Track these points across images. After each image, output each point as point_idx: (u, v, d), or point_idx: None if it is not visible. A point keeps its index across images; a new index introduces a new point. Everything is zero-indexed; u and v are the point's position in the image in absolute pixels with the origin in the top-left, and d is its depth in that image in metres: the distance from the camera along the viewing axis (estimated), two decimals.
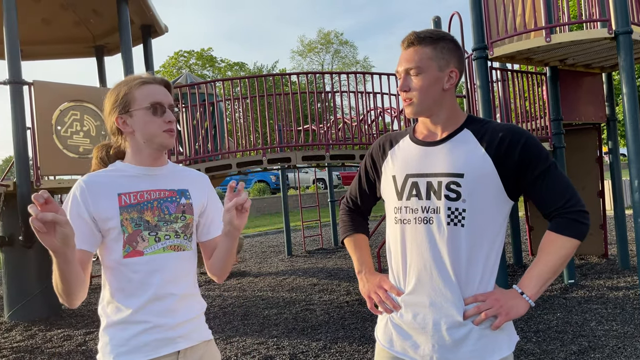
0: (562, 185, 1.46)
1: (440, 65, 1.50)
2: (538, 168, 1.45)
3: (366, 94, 7.11)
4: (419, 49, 1.50)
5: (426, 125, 1.59)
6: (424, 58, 1.49)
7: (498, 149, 1.46)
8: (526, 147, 1.45)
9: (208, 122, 6.83)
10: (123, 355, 1.49)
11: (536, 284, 1.46)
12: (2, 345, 4.95)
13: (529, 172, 1.46)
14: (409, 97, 1.52)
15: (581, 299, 5.21)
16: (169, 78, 31.87)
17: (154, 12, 7.21)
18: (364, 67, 44.82)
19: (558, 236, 1.46)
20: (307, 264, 8.61)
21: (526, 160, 1.45)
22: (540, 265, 1.47)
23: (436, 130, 1.57)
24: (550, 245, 1.47)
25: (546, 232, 1.49)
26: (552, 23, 5.37)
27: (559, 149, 6.00)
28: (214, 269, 1.68)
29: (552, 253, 1.46)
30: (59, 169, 5.84)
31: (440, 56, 1.50)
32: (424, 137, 1.59)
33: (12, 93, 5.50)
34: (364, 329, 4.68)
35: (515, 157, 1.45)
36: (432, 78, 1.50)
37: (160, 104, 1.54)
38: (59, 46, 8.19)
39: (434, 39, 1.50)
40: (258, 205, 19.14)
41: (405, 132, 1.67)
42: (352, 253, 1.78)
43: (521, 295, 1.46)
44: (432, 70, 1.50)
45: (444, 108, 1.54)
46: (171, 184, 1.62)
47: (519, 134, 1.48)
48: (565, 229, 1.45)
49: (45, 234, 1.23)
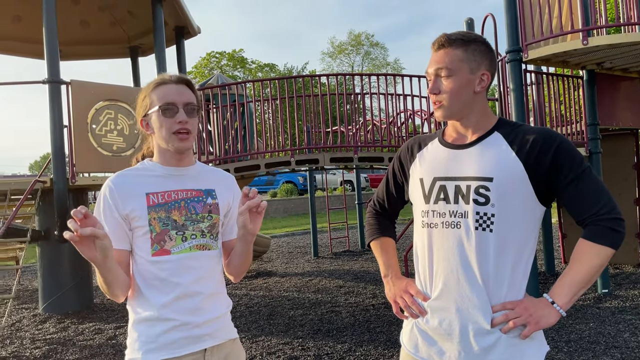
0: (597, 191, 1.41)
1: (471, 67, 1.47)
2: (571, 173, 1.41)
3: (396, 96, 7.07)
4: (449, 50, 1.47)
5: (456, 128, 1.56)
6: (455, 60, 1.46)
7: (529, 152, 1.43)
8: (559, 151, 1.41)
9: (238, 122, 6.90)
10: (151, 352, 1.52)
11: (568, 293, 1.41)
12: (36, 336, 5.10)
13: (561, 177, 1.41)
14: (439, 99, 1.50)
15: (615, 309, 5.05)
16: (201, 79, 32.38)
17: (188, 14, 7.33)
18: (394, 69, 44.57)
19: (592, 244, 1.41)
20: (333, 265, 8.60)
21: (559, 165, 1.41)
22: (572, 274, 1.42)
23: (466, 133, 1.54)
24: (583, 254, 1.42)
25: (579, 240, 1.44)
26: (590, 25, 5.23)
27: (595, 154, 5.84)
28: (231, 269, 1.71)
29: (585, 262, 1.41)
30: (93, 167, 5.98)
31: (471, 58, 1.47)
32: (454, 140, 1.56)
33: (50, 92, 5.66)
34: (389, 333, 4.65)
35: (548, 161, 1.41)
36: (463, 80, 1.47)
37: (172, 104, 1.54)
38: (96, 47, 8.41)
39: (465, 41, 1.47)
40: (285, 206, 19.23)
41: (434, 134, 1.65)
42: (379, 256, 1.77)
43: (552, 304, 1.42)
44: (463, 73, 1.47)
45: (475, 111, 1.51)
46: (198, 184, 1.64)
47: (552, 137, 1.43)
48: (600, 237, 1.40)
49: (85, 247, 1.30)
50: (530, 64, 5.81)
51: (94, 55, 8.70)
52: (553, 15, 5.45)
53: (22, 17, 7.51)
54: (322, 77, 7.43)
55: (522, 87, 5.38)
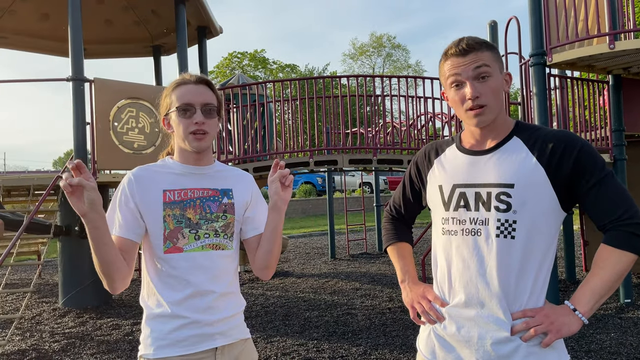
0: (619, 196, 1.37)
1: (500, 68, 1.47)
2: (593, 177, 1.37)
3: (417, 99, 7.01)
4: (480, 53, 1.43)
5: (474, 133, 1.53)
6: (490, 61, 1.44)
7: (551, 157, 1.39)
8: (581, 155, 1.38)
9: (257, 122, 6.92)
10: (163, 348, 1.52)
11: (590, 300, 1.37)
12: (55, 330, 5.18)
13: (583, 182, 1.38)
14: (482, 103, 1.43)
15: (638, 320, 4.93)
16: (222, 78, 32.61)
17: (210, 14, 7.39)
18: (415, 72, 44.32)
19: (613, 250, 1.37)
20: (350, 267, 8.57)
21: (580, 169, 1.38)
22: (594, 280, 1.38)
23: (485, 138, 1.51)
24: (605, 260, 1.38)
25: (600, 245, 1.40)
26: (617, 29, 5.12)
27: (619, 161, 5.71)
28: (259, 262, 1.65)
29: (607, 268, 1.37)
30: (114, 164, 6.06)
31: (499, 59, 1.47)
32: (472, 145, 1.53)
33: (74, 89, 5.75)
34: (405, 337, 4.60)
35: (569, 165, 1.38)
36: (500, 80, 1.46)
37: (190, 105, 1.55)
38: (119, 45, 8.53)
39: (488, 45, 1.46)
40: (303, 207, 19.25)
41: (451, 140, 1.62)
42: (395, 262, 1.75)
43: (573, 311, 1.38)
44: (497, 73, 1.45)
45: (502, 113, 1.50)
46: (215, 183, 1.64)
47: (573, 141, 1.40)
48: (622, 242, 1.36)
49: (75, 197, 1.33)
50: (555, 68, 5.71)
51: (117, 53, 8.83)
52: (579, 18, 5.35)
53: (49, 16, 7.65)
54: (343, 78, 7.42)
55: (545, 92, 5.29)
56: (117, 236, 1.53)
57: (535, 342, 1.40)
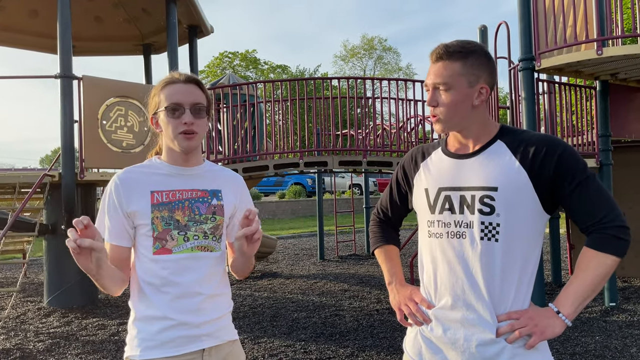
0: (601, 198, 1.39)
1: (470, 81, 1.44)
2: (575, 180, 1.39)
3: (407, 101, 7.04)
4: (448, 64, 1.44)
5: (457, 138, 1.55)
6: (454, 74, 1.44)
7: (533, 160, 1.41)
8: (563, 158, 1.39)
9: (248, 122, 6.90)
10: (150, 349, 1.51)
11: (573, 303, 1.39)
12: (40, 329, 5.12)
13: (565, 184, 1.40)
14: (436, 113, 1.49)
15: (622, 324, 4.98)
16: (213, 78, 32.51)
17: (201, 13, 7.36)
18: (406, 74, 44.49)
19: (596, 253, 1.38)
20: (339, 269, 8.57)
21: (563, 172, 1.39)
22: (577, 283, 1.40)
23: (468, 143, 1.53)
24: (588, 263, 1.39)
25: (584, 248, 1.42)
26: (605, 35, 5.18)
27: (605, 166, 5.78)
28: (234, 269, 1.70)
29: (590, 271, 1.38)
30: (102, 162, 6.01)
31: (470, 72, 1.44)
32: (457, 149, 1.55)
33: (62, 87, 5.70)
34: (392, 339, 4.61)
35: (551, 168, 1.40)
36: (462, 95, 1.44)
37: (179, 104, 1.53)
38: (109, 43, 8.46)
39: (463, 54, 1.44)
40: (293, 208, 19.23)
41: (437, 144, 1.64)
42: (383, 264, 1.76)
43: (557, 314, 1.40)
44: (461, 87, 1.44)
45: (474, 123, 1.50)
46: (204, 184, 1.63)
47: (555, 144, 1.42)
48: (604, 245, 1.37)
49: (82, 257, 1.32)
50: (543, 73, 5.76)
51: (107, 51, 8.76)
52: (567, 24, 5.40)
53: (38, 12, 7.57)
54: (334, 79, 7.43)
55: (533, 96, 5.33)
56: (109, 244, 1.53)
57: (520, 344, 1.42)
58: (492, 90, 1.49)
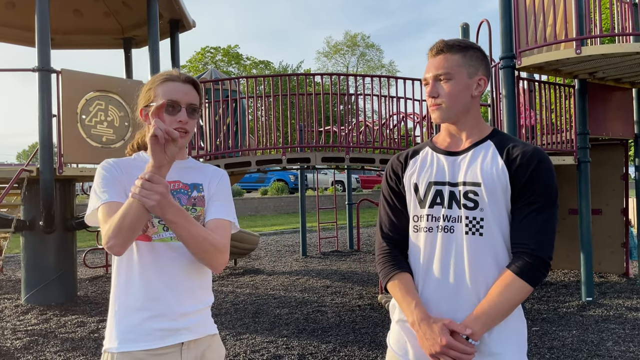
0: (547, 230, 1.43)
1: (469, 72, 1.53)
2: (538, 200, 1.44)
3: (389, 98, 7.06)
4: (448, 56, 1.52)
5: (450, 132, 1.60)
6: (454, 65, 1.51)
7: (514, 163, 1.47)
8: (539, 172, 1.44)
9: (230, 118, 6.86)
10: (128, 342, 1.51)
11: (483, 327, 1.41)
12: (17, 327, 5.04)
13: (524, 198, 1.44)
14: (438, 102, 1.53)
15: (598, 318, 5.09)
16: (194, 73, 32.20)
17: (183, 7, 7.28)
18: (389, 71, 44.66)
19: (519, 280, 1.41)
20: (321, 265, 8.59)
21: (531, 185, 1.44)
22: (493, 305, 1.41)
23: (460, 137, 1.58)
24: (507, 287, 1.41)
25: (506, 272, 1.43)
26: (584, 35, 5.26)
27: (583, 163, 5.88)
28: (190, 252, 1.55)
29: (506, 294, 1.41)
30: (81, 157, 5.92)
31: (469, 63, 1.53)
32: (448, 146, 1.60)
33: (40, 80, 5.59)
34: (374, 334, 4.64)
35: (526, 176, 1.45)
36: (462, 84, 1.52)
37: (176, 102, 1.56)
38: (89, 37, 8.31)
39: (462, 47, 1.53)
40: (276, 204, 19.18)
41: (423, 145, 1.68)
42: (400, 300, 1.54)
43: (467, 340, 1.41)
44: (462, 77, 1.52)
45: (471, 115, 1.56)
46: (186, 177, 1.64)
47: (539, 157, 1.46)
48: (527, 273, 1.41)
49: (158, 146, 1.36)
50: (524, 71, 5.84)
51: (86, 45, 8.61)
52: (547, 23, 5.48)
53: (16, 4, 7.41)
54: (317, 76, 7.42)
55: (514, 94, 5.39)
56: (111, 201, 1.48)
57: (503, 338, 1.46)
58: (488, 83, 1.56)
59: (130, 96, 6.07)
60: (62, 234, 6.12)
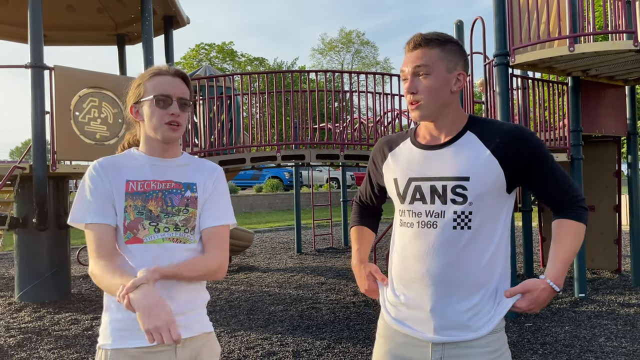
0: (566, 178, 1.53)
1: (448, 67, 1.48)
2: (545, 166, 1.49)
3: (384, 95, 7.07)
4: (426, 50, 1.48)
5: (429, 130, 1.57)
6: (433, 59, 1.47)
7: (505, 150, 1.47)
8: (535, 149, 1.48)
9: (225, 115, 6.85)
10: (122, 339, 1.51)
11: (563, 273, 1.50)
12: (10, 325, 5.02)
13: (536, 171, 1.49)
14: (417, 99, 1.49)
15: (591, 314, 5.12)
16: (189, 70, 32.07)
17: (177, 3, 7.25)
18: (384, 69, 44.64)
19: (576, 223, 1.51)
20: (316, 262, 8.60)
21: (536, 161, 1.48)
22: (564, 251, 1.50)
23: (440, 135, 1.55)
24: (569, 232, 1.51)
25: (560, 220, 1.53)
26: (577, 32, 5.28)
27: (576, 160, 5.90)
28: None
29: (573, 238, 1.51)
30: (75, 155, 5.89)
31: (448, 57, 1.48)
32: (427, 141, 1.57)
33: (33, 77, 5.55)
34: (368, 331, 4.66)
35: (524, 158, 1.47)
36: (441, 79, 1.47)
37: (167, 96, 1.55)
38: (82, 33, 8.26)
39: (441, 41, 1.49)
40: (270, 201, 19.18)
41: (405, 134, 1.65)
42: (353, 244, 1.84)
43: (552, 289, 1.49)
44: (440, 72, 1.47)
45: (451, 111, 1.53)
46: (179, 176, 1.62)
47: (527, 136, 1.49)
48: (580, 216, 1.52)
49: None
50: (517, 69, 5.85)
51: (79, 41, 8.56)
52: (541, 20, 5.49)
53: (8, 0, 7.35)
54: (312, 73, 7.42)
55: (508, 91, 5.41)
56: (96, 223, 1.50)
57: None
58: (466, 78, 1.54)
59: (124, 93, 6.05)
60: (56, 231, 6.10)
